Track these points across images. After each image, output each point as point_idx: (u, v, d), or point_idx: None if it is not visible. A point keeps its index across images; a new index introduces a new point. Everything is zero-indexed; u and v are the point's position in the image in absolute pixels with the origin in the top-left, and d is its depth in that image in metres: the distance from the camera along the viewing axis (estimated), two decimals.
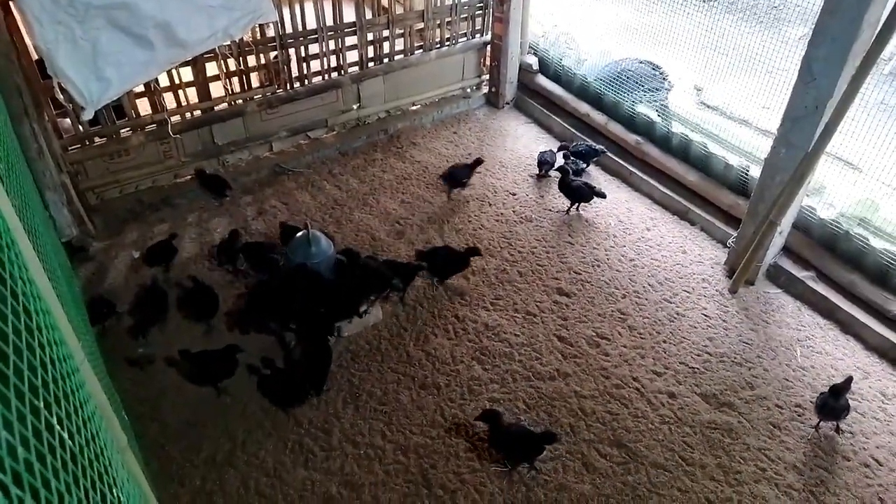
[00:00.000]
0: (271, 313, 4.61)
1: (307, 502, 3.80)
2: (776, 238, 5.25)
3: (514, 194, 6.56)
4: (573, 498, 3.87)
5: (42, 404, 1.11)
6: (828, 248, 5.37)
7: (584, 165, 6.71)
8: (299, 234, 4.75)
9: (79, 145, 5.68)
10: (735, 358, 4.83)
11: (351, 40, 6.80)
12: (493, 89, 8.07)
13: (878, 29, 4.26)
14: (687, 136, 6.37)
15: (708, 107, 8.54)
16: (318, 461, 4.02)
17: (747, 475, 4.03)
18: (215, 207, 6.16)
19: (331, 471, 3.97)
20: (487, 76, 8.11)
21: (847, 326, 5.11)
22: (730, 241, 5.69)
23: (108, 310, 4.74)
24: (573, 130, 7.27)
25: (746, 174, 5.80)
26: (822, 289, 5.26)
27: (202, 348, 4.37)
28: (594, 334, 5.00)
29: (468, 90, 8.09)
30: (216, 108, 6.32)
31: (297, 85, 6.65)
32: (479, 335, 4.94)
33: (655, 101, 7.00)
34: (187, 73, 6.06)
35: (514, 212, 6.31)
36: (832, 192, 6.77)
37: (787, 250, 5.55)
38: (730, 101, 8.29)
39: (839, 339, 5.05)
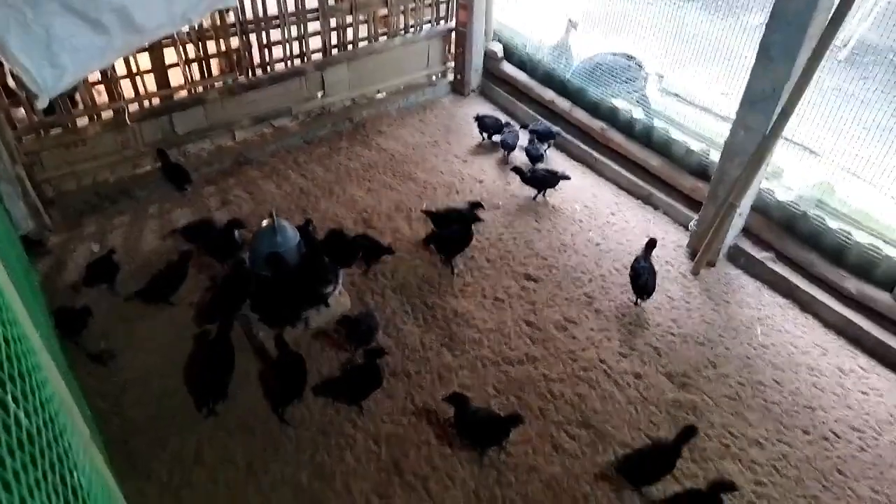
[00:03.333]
0: (239, 305, 4.54)
1: (278, 494, 3.78)
2: (736, 220, 5.37)
3: (480, 181, 6.57)
4: (543, 479, 3.93)
5: None
6: (786, 229, 5.51)
7: (545, 147, 6.77)
8: (264, 223, 4.69)
9: (34, 135, 5.49)
10: (698, 338, 4.94)
11: (314, 26, 6.69)
12: (459, 76, 8.05)
13: (832, 13, 4.38)
14: (650, 122, 6.46)
15: (670, 94, 8.67)
16: (288, 452, 3.99)
17: (712, 452, 4.14)
18: (177, 198, 6.03)
19: (301, 462, 3.95)
20: (452, 63, 8.09)
21: (805, 305, 5.26)
22: (691, 223, 5.81)
23: (80, 320, 4.48)
24: (538, 117, 7.31)
25: (707, 158, 5.91)
26: (780, 269, 5.41)
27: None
28: (561, 318, 5.05)
29: (433, 77, 8.05)
30: (175, 96, 6.17)
31: (259, 72, 6.53)
32: (449, 322, 4.96)
33: (633, 92, 7.08)
34: (145, 60, 5.88)
35: (481, 198, 6.29)
36: (791, 176, 6.96)
37: (746, 232, 5.69)
38: (691, 88, 8.44)
39: (798, 318, 5.20)
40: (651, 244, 5.19)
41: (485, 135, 7.11)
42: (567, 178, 6.26)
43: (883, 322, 4.95)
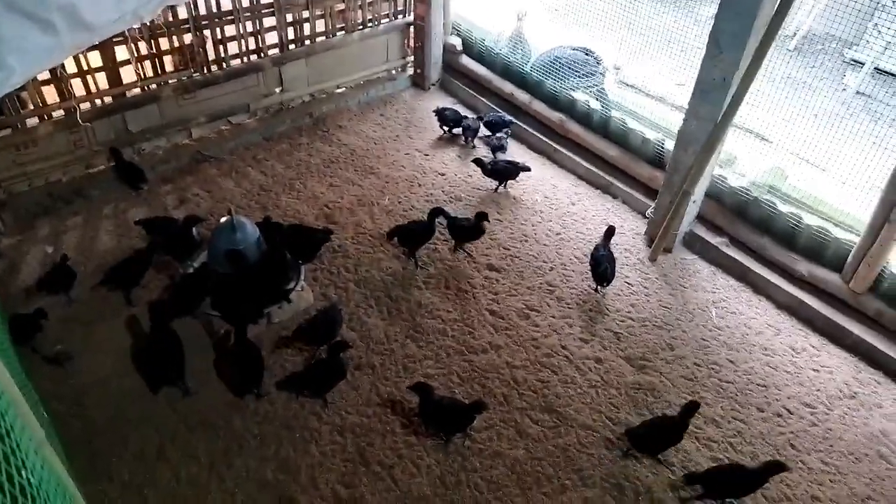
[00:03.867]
0: (199, 301, 4.50)
1: (242, 490, 3.76)
2: (691, 207, 5.51)
3: (442, 174, 6.61)
4: (507, 463, 3.99)
5: None
6: (739, 215, 5.68)
7: (504, 138, 6.83)
8: (223, 219, 4.64)
9: None
10: (656, 322, 5.06)
11: (269, 21, 6.64)
12: (419, 70, 8.07)
13: (778, 3, 4.52)
14: (608, 113, 6.58)
15: (627, 85, 8.83)
16: (252, 447, 3.98)
17: None
18: (132, 198, 5.93)
19: (266, 456, 3.94)
20: (412, 57, 8.10)
21: (758, 287, 5.43)
22: (648, 211, 5.94)
23: (34, 324, 4.38)
24: (498, 110, 7.36)
25: (662, 147, 6.05)
26: (734, 253, 5.57)
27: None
28: (524, 307, 5.12)
29: (393, 72, 8.05)
30: (128, 93, 6.06)
31: (214, 68, 6.45)
32: (413, 314, 4.99)
33: (592, 86, 7.18)
34: (96, 58, 5.77)
35: (443, 192, 6.36)
36: (744, 163, 7.16)
37: (701, 218, 5.84)
38: (647, 80, 8.60)
39: (752, 300, 5.36)
40: (610, 232, 5.30)
41: (445, 128, 7.15)
42: (527, 169, 6.33)
43: (833, 302, 5.14)
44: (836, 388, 4.69)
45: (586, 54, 7.29)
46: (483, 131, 7.04)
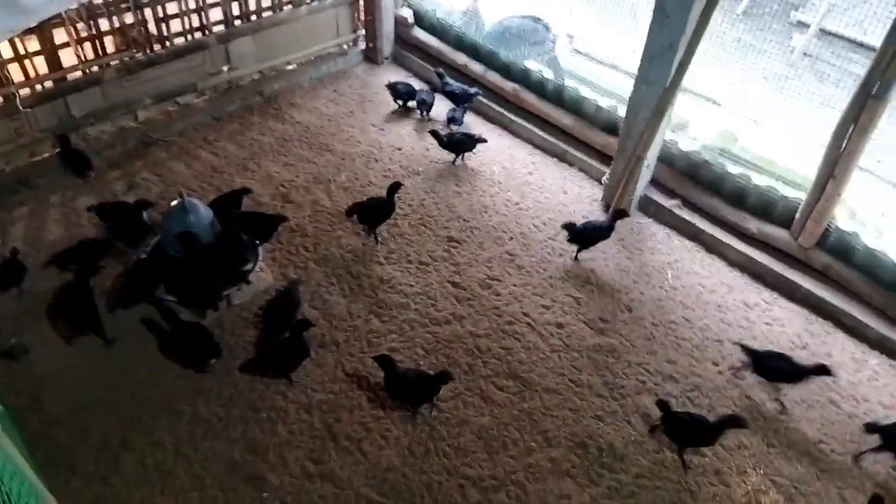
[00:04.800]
0: (153, 288, 4.41)
1: (210, 472, 3.75)
2: (644, 171, 5.60)
3: (399, 149, 6.56)
4: (474, 430, 4.06)
5: None
6: (691, 178, 5.79)
7: (461, 111, 6.80)
8: (174, 203, 4.54)
9: None
10: (614, 285, 5.17)
11: None
12: (371, 45, 7.94)
13: None
14: (561, 82, 6.60)
15: (580, 53, 8.86)
16: (218, 430, 3.96)
17: (630, 389, 4.39)
18: (80, 185, 5.74)
19: (232, 438, 3.93)
20: (363, 31, 7.96)
21: (711, 247, 5.58)
22: (604, 178, 6.02)
23: None
24: (451, 81, 7.30)
25: (615, 114, 6.11)
26: (687, 215, 5.70)
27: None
28: (485, 277, 5.17)
29: (345, 46, 7.92)
30: (69, 77, 5.84)
31: (157, 47, 6.24)
32: (375, 289, 4.98)
33: (543, 54, 7.18)
34: (33, 42, 5.54)
35: (400, 166, 6.32)
36: (696, 127, 7.30)
37: (654, 182, 5.95)
38: (601, 47, 8.64)
39: (705, 259, 5.51)
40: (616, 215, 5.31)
41: (400, 102, 7.08)
42: (484, 140, 6.33)
43: (783, 258, 5.33)
44: (789, 339, 4.88)
45: (535, 22, 7.28)
46: (445, 104, 6.94)
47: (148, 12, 6.05)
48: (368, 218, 5.36)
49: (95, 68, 5.93)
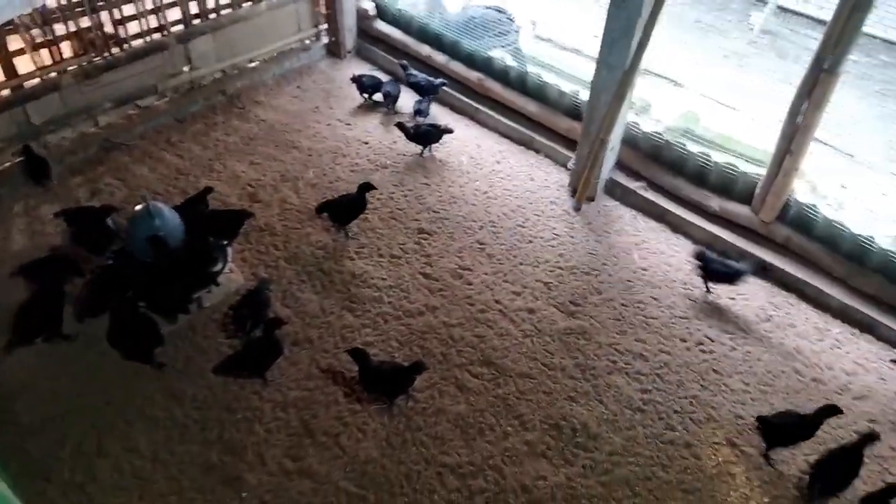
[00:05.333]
0: (119, 294, 4.36)
1: (188, 475, 3.75)
2: (608, 155, 5.68)
3: (366, 143, 6.55)
4: (450, 419, 4.11)
5: None
6: (654, 159, 5.88)
7: (427, 102, 6.80)
8: (138, 207, 4.50)
9: None
10: (583, 269, 5.25)
11: None
12: (333, 39, 7.89)
13: None
14: (524, 69, 6.63)
15: (543, 39, 8.92)
16: (194, 433, 3.96)
17: (601, 369, 4.47)
18: (42, 193, 5.64)
19: (209, 440, 3.93)
20: (325, 26, 7.90)
21: (676, 226, 5.69)
22: (570, 163, 6.09)
23: None
24: (416, 73, 7.30)
25: (578, 99, 6.17)
26: (652, 196, 5.80)
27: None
28: (456, 267, 5.21)
29: (307, 42, 7.85)
30: (26, 84, 5.72)
31: (115, 50, 6.14)
32: (347, 284, 5.00)
33: (507, 44, 7.20)
34: None
35: (368, 160, 6.32)
36: (658, 109, 7.39)
37: (619, 165, 6.03)
38: (562, 33, 8.70)
39: (671, 239, 5.62)
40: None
41: (365, 95, 7.07)
42: (450, 131, 6.35)
43: (745, 233, 5.45)
44: (753, 313, 5.00)
45: (499, 12, 7.30)
46: (412, 96, 6.93)
47: (104, 15, 5.93)
48: (340, 216, 5.36)
49: (53, 74, 5.82)
